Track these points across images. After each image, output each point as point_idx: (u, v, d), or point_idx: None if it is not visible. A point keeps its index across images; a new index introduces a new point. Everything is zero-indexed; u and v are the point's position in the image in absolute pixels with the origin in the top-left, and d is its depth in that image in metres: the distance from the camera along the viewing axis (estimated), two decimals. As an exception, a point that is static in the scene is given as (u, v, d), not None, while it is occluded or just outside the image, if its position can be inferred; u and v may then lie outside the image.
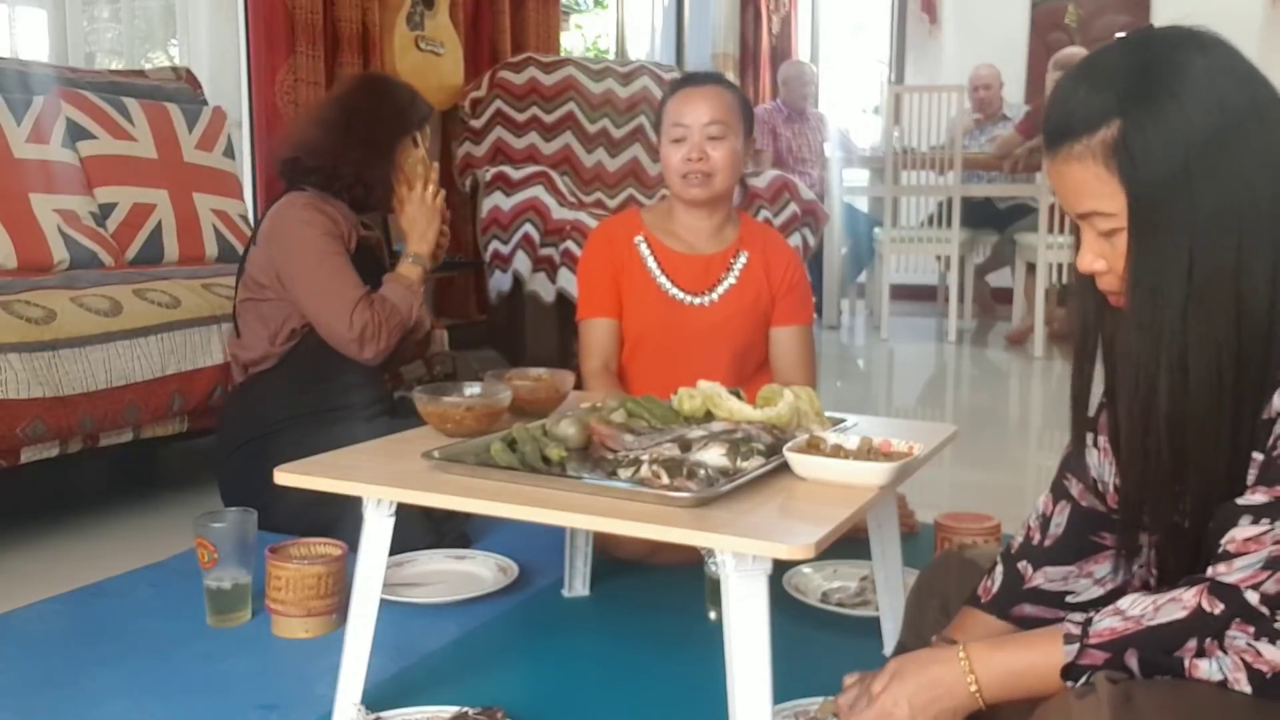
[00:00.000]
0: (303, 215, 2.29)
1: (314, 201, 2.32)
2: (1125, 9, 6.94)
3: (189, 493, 2.67)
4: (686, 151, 2.16)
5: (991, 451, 3.24)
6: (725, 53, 6.27)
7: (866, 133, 7.34)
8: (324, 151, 2.35)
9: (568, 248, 3.53)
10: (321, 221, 2.29)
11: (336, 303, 2.25)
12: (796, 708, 1.46)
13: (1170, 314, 0.97)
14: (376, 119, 2.38)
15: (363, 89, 2.48)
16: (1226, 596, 0.94)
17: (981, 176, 5.75)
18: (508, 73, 4.20)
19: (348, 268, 2.28)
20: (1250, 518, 0.95)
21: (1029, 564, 1.22)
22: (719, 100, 2.17)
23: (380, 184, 2.38)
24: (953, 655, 1.06)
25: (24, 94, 2.77)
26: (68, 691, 1.60)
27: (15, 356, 2.07)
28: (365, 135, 2.35)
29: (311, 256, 2.27)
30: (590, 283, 2.26)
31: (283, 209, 2.33)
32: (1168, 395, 0.98)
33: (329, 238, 2.28)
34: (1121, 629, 0.98)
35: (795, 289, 2.30)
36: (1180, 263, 0.96)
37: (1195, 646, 0.94)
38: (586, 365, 2.25)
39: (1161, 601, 0.97)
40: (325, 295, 2.25)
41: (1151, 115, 0.96)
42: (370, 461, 1.45)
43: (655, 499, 1.23)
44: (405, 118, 2.41)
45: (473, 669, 1.69)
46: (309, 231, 2.27)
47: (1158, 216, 0.97)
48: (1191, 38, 0.98)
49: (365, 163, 2.35)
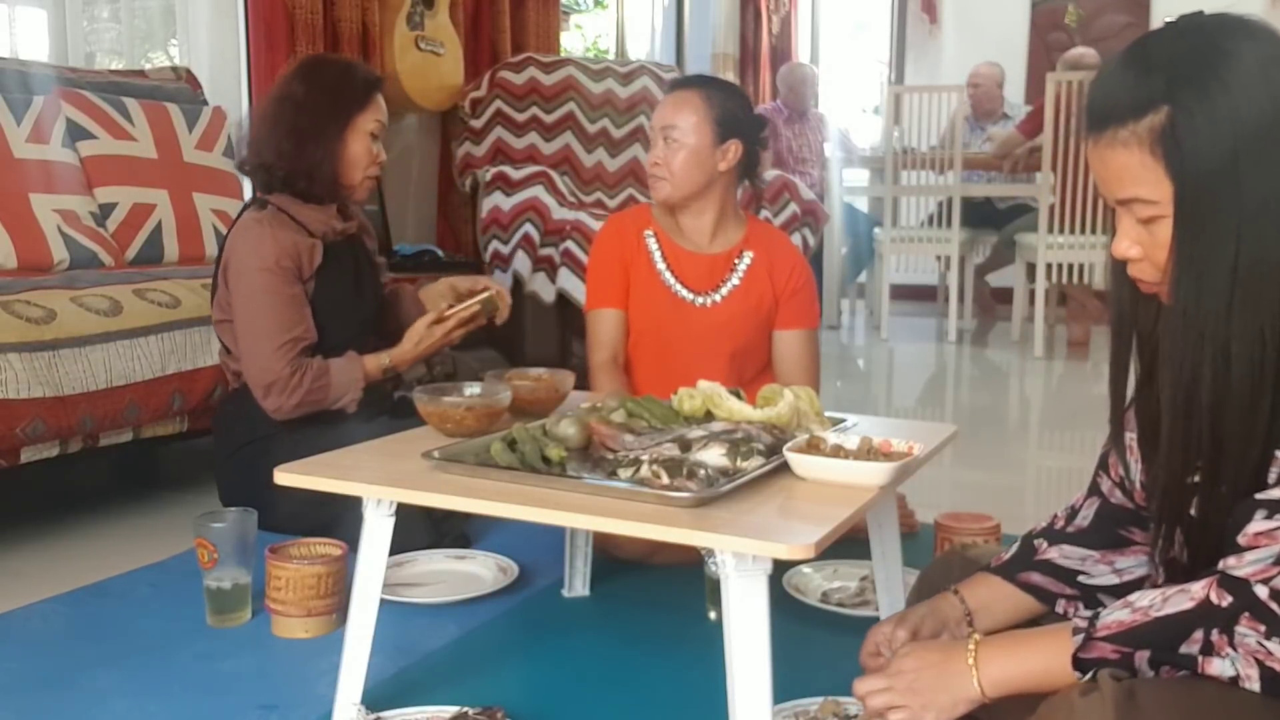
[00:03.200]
0: (251, 244, 2.20)
1: (268, 222, 2.22)
2: (1125, 9, 6.94)
3: (189, 493, 2.67)
4: (653, 154, 2.21)
5: (991, 451, 3.24)
6: (725, 53, 6.27)
7: (866, 133, 7.34)
8: (260, 149, 2.27)
9: (568, 248, 3.53)
10: (269, 252, 2.18)
11: (257, 342, 2.18)
12: (796, 708, 1.46)
13: (1215, 305, 0.96)
14: (301, 105, 2.25)
15: (291, 76, 2.35)
16: (1235, 589, 0.94)
17: (981, 176, 5.76)
18: (508, 73, 4.20)
19: (285, 308, 2.19)
20: (1265, 512, 0.96)
21: (1045, 541, 1.24)
22: (682, 104, 2.19)
23: (319, 171, 2.25)
24: (961, 650, 1.07)
25: (24, 94, 2.77)
26: (68, 691, 1.60)
27: (15, 356, 2.07)
28: (293, 124, 2.24)
29: (246, 290, 2.19)
30: (600, 273, 2.26)
31: (236, 234, 2.25)
32: (1210, 386, 0.98)
33: (272, 272, 2.18)
34: (1129, 621, 0.98)
35: (800, 292, 2.30)
36: (1226, 254, 0.95)
37: (1202, 639, 0.94)
38: (595, 357, 2.25)
39: (1170, 593, 0.97)
40: (249, 334, 2.19)
41: (1201, 103, 0.94)
42: (370, 461, 1.45)
43: (655, 499, 1.23)
44: (336, 96, 2.27)
45: (473, 669, 1.69)
46: (251, 262, 2.19)
47: (1204, 207, 0.95)
48: (1242, 25, 0.97)
49: (297, 154, 2.23)
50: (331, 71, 2.34)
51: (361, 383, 2.25)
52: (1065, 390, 4.53)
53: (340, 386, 2.23)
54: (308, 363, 2.20)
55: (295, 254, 2.23)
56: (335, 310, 2.31)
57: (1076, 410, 4.04)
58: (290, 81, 2.32)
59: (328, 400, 2.23)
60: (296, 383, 2.18)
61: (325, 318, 2.28)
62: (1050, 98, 4.83)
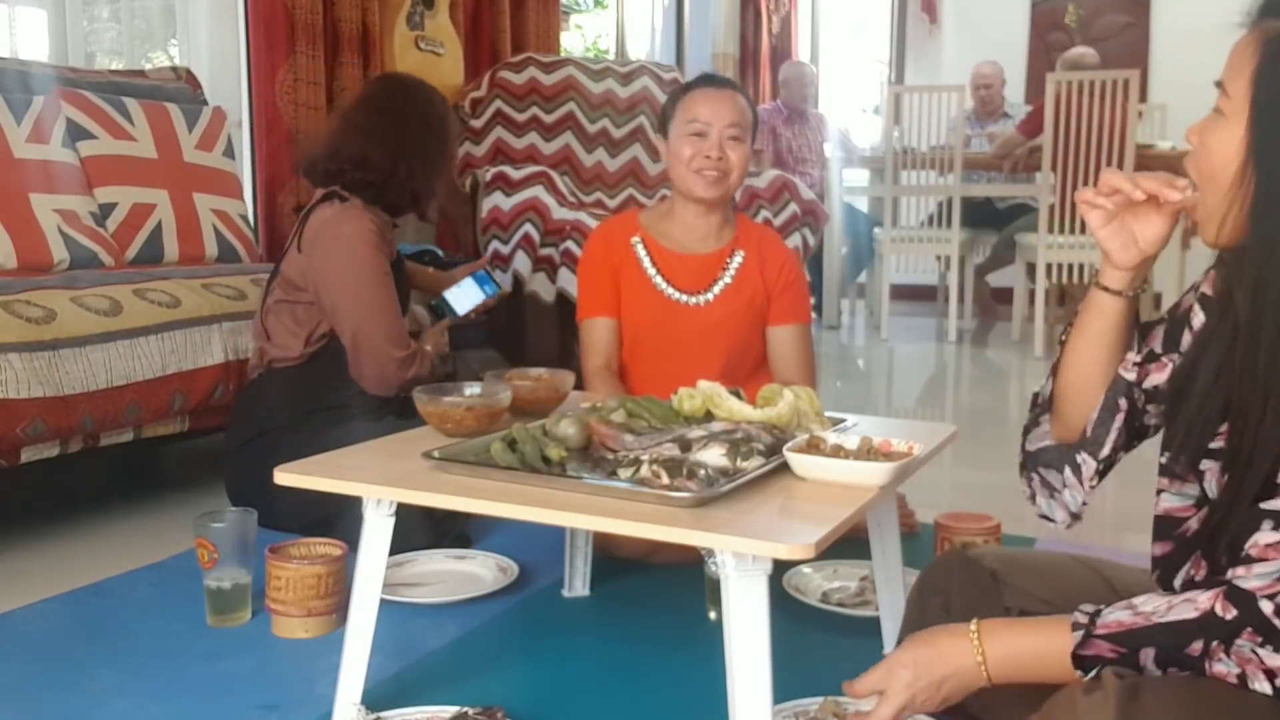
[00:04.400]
0: (359, 231, 2.30)
1: (366, 214, 2.34)
2: (1125, 9, 6.94)
3: (189, 493, 2.67)
4: (707, 148, 2.17)
5: (991, 451, 3.24)
6: (725, 53, 6.27)
7: (866, 133, 7.34)
8: (378, 165, 2.36)
9: (568, 248, 3.53)
10: (376, 240, 2.31)
11: (392, 323, 2.30)
12: (796, 708, 1.46)
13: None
14: (425, 127, 2.41)
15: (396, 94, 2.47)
16: (1241, 603, 0.93)
17: (981, 176, 5.76)
18: (508, 73, 4.20)
19: (391, 283, 2.33)
20: (1271, 523, 0.95)
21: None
22: (740, 105, 2.22)
23: (431, 194, 2.44)
24: (964, 630, 1.07)
25: (24, 94, 2.77)
26: (68, 691, 1.60)
27: (15, 356, 2.07)
28: (418, 146, 2.39)
29: (369, 274, 2.29)
30: (590, 283, 2.27)
31: (338, 219, 2.32)
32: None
33: (379, 249, 2.32)
34: (1130, 623, 0.98)
35: (791, 288, 2.30)
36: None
37: (1201, 648, 0.94)
38: (588, 365, 2.26)
39: (1176, 601, 0.97)
40: (382, 314, 2.29)
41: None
42: (370, 461, 1.45)
43: (655, 499, 1.23)
44: (448, 124, 2.46)
45: (473, 669, 1.69)
46: (366, 250, 2.29)
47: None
48: None
49: (421, 174, 2.39)
50: (440, 102, 2.52)
51: (432, 356, 2.41)
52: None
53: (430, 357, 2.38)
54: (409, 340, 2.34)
55: (387, 240, 2.38)
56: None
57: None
58: (397, 99, 2.45)
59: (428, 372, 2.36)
60: (418, 352, 2.33)
61: None
62: (1050, 98, 4.83)
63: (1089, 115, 4.76)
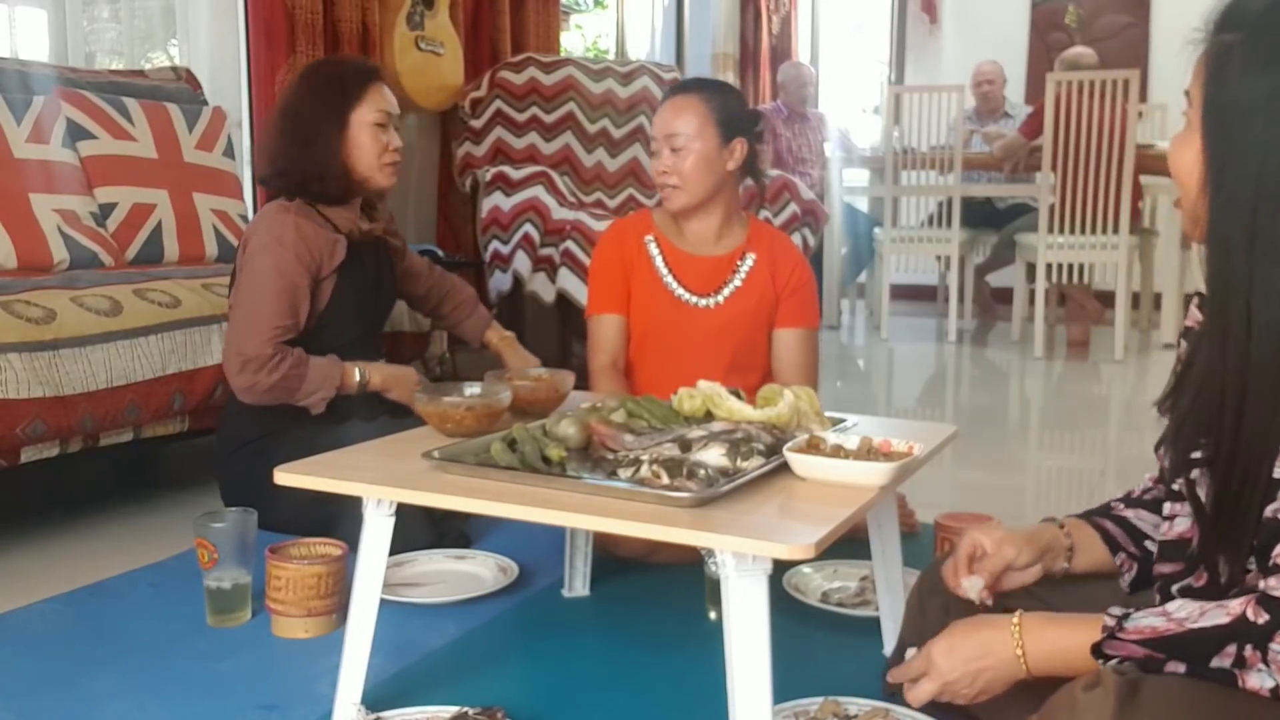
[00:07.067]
0: (273, 226, 2.22)
1: (294, 211, 2.25)
2: (1125, 9, 6.94)
3: (189, 493, 2.67)
4: (659, 165, 2.20)
5: (991, 451, 3.23)
6: (725, 53, 6.26)
7: (866, 133, 7.34)
8: (272, 159, 2.31)
9: (568, 248, 3.53)
10: (289, 242, 2.21)
11: (253, 316, 2.18)
12: (796, 708, 1.46)
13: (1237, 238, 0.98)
14: (300, 109, 2.29)
15: (291, 85, 2.39)
16: (1273, 608, 0.93)
17: (981, 176, 5.76)
18: (508, 73, 4.20)
19: (290, 293, 2.20)
20: None
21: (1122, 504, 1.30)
22: (684, 109, 2.18)
23: (328, 171, 2.27)
24: (1005, 622, 1.09)
25: (24, 94, 2.77)
26: (68, 691, 1.60)
27: (15, 356, 2.07)
28: (295, 129, 2.28)
29: (259, 267, 2.20)
30: (601, 279, 2.27)
31: (260, 219, 2.28)
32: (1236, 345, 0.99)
33: (286, 255, 2.20)
34: (1163, 629, 0.98)
35: (799, 291, 2.30)
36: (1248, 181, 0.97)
37: (1235, 653, 0.94)
38: (594, 361, 2.26)
39: (1208, 608, 0.97)
40: (248, 307, 2.20)
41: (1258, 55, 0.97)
42: (370, 461, 1.45)
43: (655, 499, 1.23)
44: (330, 94, 2.29)
45: (473, 669, 1.69)
46: (268, 251, 2.20)
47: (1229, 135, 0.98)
48: None
49: (304, 158, 2.26)
50: (324, 71, 2.38)
51: (336, 386, 2.24)
52: (1065, 390, 4.53)
53: (314, 382, 2.21)
54: (291, 350, 2.20)
55: (316, 247, 2.25)
56: (350, 307, 2.34)
57: (1076, 410, 4.04)
58: (290, 90, 2.37)
59: (299, 393, 2.21)
60: (275, 364, 2.16)
61: (338, 314, 2.31)
62: (1050, 98, 4.82)
63: (1089, 115, 4.76)
